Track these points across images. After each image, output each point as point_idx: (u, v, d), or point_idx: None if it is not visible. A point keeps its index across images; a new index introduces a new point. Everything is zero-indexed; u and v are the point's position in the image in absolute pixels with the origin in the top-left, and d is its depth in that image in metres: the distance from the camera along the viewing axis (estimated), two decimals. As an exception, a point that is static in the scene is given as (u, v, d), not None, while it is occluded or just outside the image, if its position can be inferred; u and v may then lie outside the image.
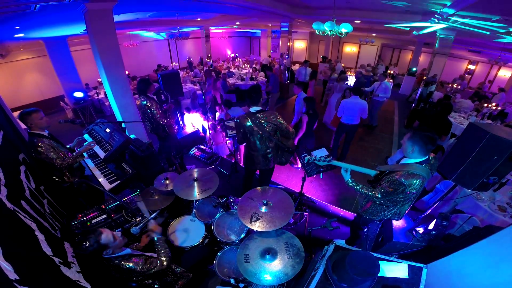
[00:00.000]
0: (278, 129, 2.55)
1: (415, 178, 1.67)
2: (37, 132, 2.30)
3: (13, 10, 3.15)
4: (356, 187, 1.95)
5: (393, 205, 1.94)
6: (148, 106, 3.25)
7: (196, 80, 9.42)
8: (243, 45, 16.90)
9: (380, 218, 2.07)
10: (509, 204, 2.79)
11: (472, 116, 5.93)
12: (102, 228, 1.50)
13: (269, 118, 2.48)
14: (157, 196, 2.36)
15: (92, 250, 1.36)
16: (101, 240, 1.39)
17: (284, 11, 7.26)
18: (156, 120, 3.35)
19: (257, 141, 2.57)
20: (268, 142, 2.59)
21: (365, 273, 1.24)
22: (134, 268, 1.50)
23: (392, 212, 2.00)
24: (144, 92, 3.29)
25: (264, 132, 2.49)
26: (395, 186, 1.72)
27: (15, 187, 1.59)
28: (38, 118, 2.28)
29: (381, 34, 11.04)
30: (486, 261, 1.27)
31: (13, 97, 7.08)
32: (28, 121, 2.24)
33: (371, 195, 1.86)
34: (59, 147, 2.44)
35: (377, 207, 2.04)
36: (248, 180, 3.15)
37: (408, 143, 1.76)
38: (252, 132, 2.51)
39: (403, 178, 1.69)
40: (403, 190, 1.70)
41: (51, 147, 2.31)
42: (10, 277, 0.97)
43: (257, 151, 2.64)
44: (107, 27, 3.84)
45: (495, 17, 3.93)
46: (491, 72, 10.58)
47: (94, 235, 1.40)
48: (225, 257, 2.06)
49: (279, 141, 2.64)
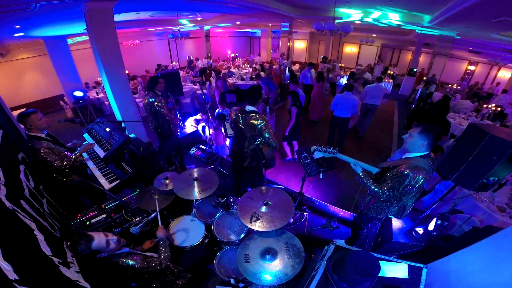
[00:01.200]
0: (263, 136, 2.54)
1: (419, 170, 1.69)
2: (36, 135, 2.27)
3: (13, 9, 3.15)
4: (366, 181, 1.95)
5: (397, 202, 1.95)
6: (157, 104, 3.27)
7: (196, 80, 9.43)
8: (243, 45, 16.90)
9: (384, 215, 2.08)
10: (508, 204, 2.79)
11: (472, 117, 5.94)
12: (97, 232, 1.45)
13: (255, 122, 2.46)
14: (157, 196, 2.35)
15: (85, 254, 1.34)
16: (92, 246, 1.36)
17: (285, 11, 7.27)
18: (163, 117, 3.36)
19: (238, 136, 2.64)
20: (247, 142, 2.61)
21: (365, 273, 1.24)
22: (133, 264, 1.49)
23: (396, 209, 2.01)
24: (151, 89, 3.31)
25: (247, 132, 2.52)
26: (400, 179, 1.74)
27: (15, 186, 1.59)
28: (37, 119, 2.25)
29: (381, 34, 11.05)
30: (486, 261, 1.27)
31: (13, 96, 7.07)
32: (28, 123, 2.21)
33: (379, 192, 1.87)
34: (58, 147, 2.41)
35: (381, 204, 2.04)
36: (238, 174, 3.21)
37: (418, 138, 1.76)
38: (236, 125, 2.58)
39: (407, 170, 1.70)
40: (409, 183, 1.72)
41: (49, 150, 2.28)
42: (10, 277, 0.97)
43: (237, 145, 2.72)
44: (107, 27, 3.83)
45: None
46: (491, 73, 10.60)
47: (84, 240, 1.34)
48: (225, 257, 2.06)
49: (259, 149, 2.63)
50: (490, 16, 3.79)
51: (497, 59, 8.06)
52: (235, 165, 3.05)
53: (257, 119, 2.45)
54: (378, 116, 6.40)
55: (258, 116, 2.47)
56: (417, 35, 9.01)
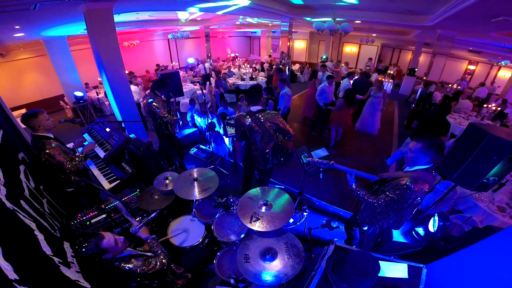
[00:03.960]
0: (278, 129, 2.54)
1: (421, 184, 1.62)
2: (43, 135, 2.20)
3: (13, 10, 3.15)
4: (359, 193, 1.88)
5: (394, 214, 1.87)
6: (155, 104, 3.27)
7: (196, 80, 9.43)
8: (243, 45, 16.89)
9: (380, 226, 2.01)
10: (508, 204, 2.79)
11: (472, 117, 5.94)
12: (104, 231, 1.44)
13: (269, 117, 2.46)
14: (157, 195, 2.35)
15: (91, 254, 1.31)
16: (102, 245, 1.34)
17: (285, 11, 7.26)
18: (161, 118, 3.36)
19: (256, 140, 2.56)
20: (267, 141, 2.58)
21: (365, 273, 1.24)
22: (134, 269, 1.48)
23: (393, 221, 1.94)
24: (153, 89, 3.31)
25: (264, 131, 2.48)
26: (401, 192, 1.65)
27: (15, 186, 1.59)
28: (45, 119, 2.18)
29: (381, 34, 11.04)
30: (486, 261, 1.27)
31: (13, 96, 7.07)
32: (35, 123, 2.13)
33: (374, 203, 1.78)
34: (65, 148, 2.37)
35: (378, 215, 1.97)
36: (247, 179, 3.14)
37: (421, 154, 1.69)
38: (252, 130, 2.50)
39: (409, 183, 1.62)
40: (410, 196, 1.64)
41: (61, 150, 2.21)
42: (10, 277, 0.97)
43: (256, 150, 2.64)
44: (107, 27, 3.83)
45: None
46: (491, 73, 10.59)
47: (95, 239, 1.33)
48: (225, 257, 2.06)
49: (279, 142, 2.63)
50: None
51: (497, 59, 8.05)
52: (249, 170, 3.02)
53: (268, 113, 2.46)
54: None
55: (267, 112, 2.48)
56: (417, 34, 9.00)
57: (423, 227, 2.67)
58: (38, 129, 2.17)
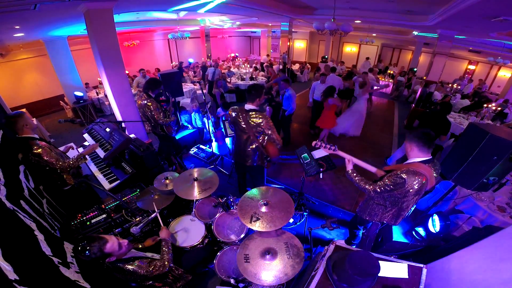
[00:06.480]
0: (266, 134, 2.50)
1: (416, 175, 1.66)
2: (29, 136, 2.14)
3: (14, 10, 3.15)
4: (355, 178, 1.95)
5: (392, 206, 1.91)
6: (148, 105, 3.25)
7: (196, 79, 9.42)
8: (243, 45, 16.89)
9: (378, 219, 2.04)
10: (509, 204, 2.79)
11: (472, 117, 5.94)
12: (108, 235, 1.43)
13: (259, 122, 2.42)
14: (157, 195, 2.35)
15: (94, 258, 1.30)
16: (105, 249, 1.33)
17: (284, 11, 7.26)
18: (155, 119, 3.34)
19: (240, 136, 2.59)
20: (250, 142, 2.55)
21: (365, 273, 1.24)
22: (137, 271, 1.48)
23: (391, 214, 1.97)
24: (147, 90, 3.29)
25: (249, 132, 2.47)
26: (395, 181, 1.71)
27: (14, 186, 1.59)
28: (30, 117, 2.19)
29: (381, 34, 11.04)
30: (486, 261, 1.27)
31: (13, 96, 7.06)
32: (23, 122, 2.08)
33: (368, 189, 1.86)
34: (54, 148, 2.35)
35: (376, 207, 2.01)
36: (240, 176, 3.18)
37: (407, 145, 1.85)
38: (236, 125, 2.53)
39: (403, 173, 1.68)
40: (402, 185, 1.69)
41: (48, 150, 2.18)
42: (10, 277, 0.97)
43: (239, 146, 2.67)
44: (107, 27, 3.83)
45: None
46: (491, 73, 10.58)
47: (98, 243, 1.31)
48: (225, 257, 2.06)
49: (262, 146, 2.58)
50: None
51: (497, 59, 8.04)
52: (238, 164, 3.02)
53: (257, 117, 2.42)
54: (378, 116, 6.40)
55: (258, 114, 2.44)
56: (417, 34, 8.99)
57: (423, 227, 2.67)
58: (24, 130, 2.11)
